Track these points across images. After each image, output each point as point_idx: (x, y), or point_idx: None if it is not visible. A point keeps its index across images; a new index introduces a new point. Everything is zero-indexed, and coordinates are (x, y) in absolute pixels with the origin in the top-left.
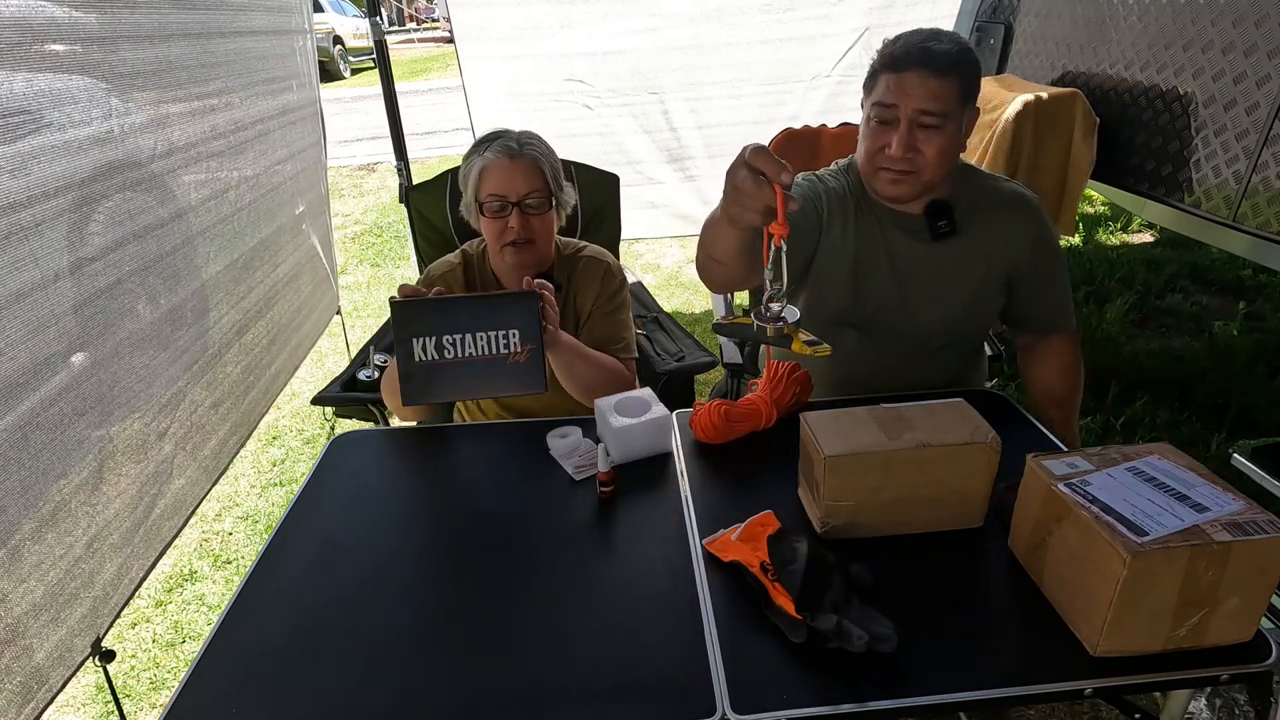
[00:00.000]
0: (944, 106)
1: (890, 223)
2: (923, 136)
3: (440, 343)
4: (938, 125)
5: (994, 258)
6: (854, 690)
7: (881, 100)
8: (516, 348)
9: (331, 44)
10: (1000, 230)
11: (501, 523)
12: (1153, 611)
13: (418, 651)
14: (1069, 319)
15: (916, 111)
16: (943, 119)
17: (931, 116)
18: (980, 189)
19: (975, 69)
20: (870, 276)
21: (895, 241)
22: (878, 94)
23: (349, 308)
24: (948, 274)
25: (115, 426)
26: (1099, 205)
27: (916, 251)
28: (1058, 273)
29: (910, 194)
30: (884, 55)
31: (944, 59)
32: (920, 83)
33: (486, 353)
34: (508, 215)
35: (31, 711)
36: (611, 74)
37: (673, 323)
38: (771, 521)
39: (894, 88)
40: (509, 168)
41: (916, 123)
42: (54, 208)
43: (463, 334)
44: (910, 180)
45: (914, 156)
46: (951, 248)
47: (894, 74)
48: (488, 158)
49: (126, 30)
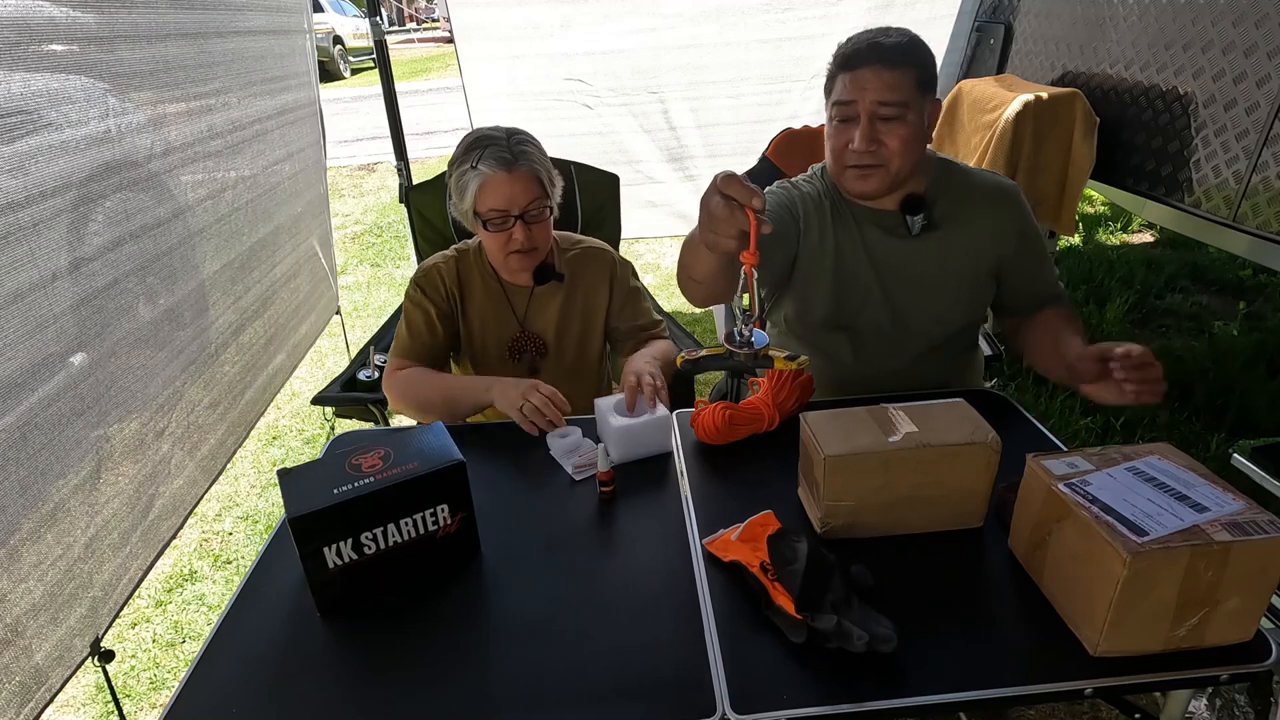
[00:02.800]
0: (901, 96)
1: (867, 221)
2: (884, 128)
3: (358, 542)
4: (898, 116)
5: (980, 253)
6: (854, 690)
7: (840, 99)
8: (447, 520)
9: (331, 44)
10: (983, 223)
11: (501, 522)
12: (1153, 611)
13: (417, 651)
14: (1057, 293)
15: (875, 104)
16: (902, 109)
17: (890, 107)
18: (959, 182)
19: (928, 59)
20: (853, 277)
21: (873, 240)
22: (836, 94)
23: (349, 308)
24: (932, 270)
25: (113, 426)
26: (1099, 205)
27: (896, 249)
28: (1043, 256)
29: (879, 188)
30: (837, 57)
31: (895, 51)
32: (875, 76)
33: (413, 535)
34: (510, 228)
35: (31, 711)
36: (611, 73)
37: (673, 323)
38: (771, 521)
39: (850, 85)
40: (507, 181)
41: (876, 115)
42: (52, 207)
43: (383, 525)
44: (878, 174)
45: (878, 149)
46: (933, 243)
47: (849, 72)
48: (483, 172)
49: (124, 30)
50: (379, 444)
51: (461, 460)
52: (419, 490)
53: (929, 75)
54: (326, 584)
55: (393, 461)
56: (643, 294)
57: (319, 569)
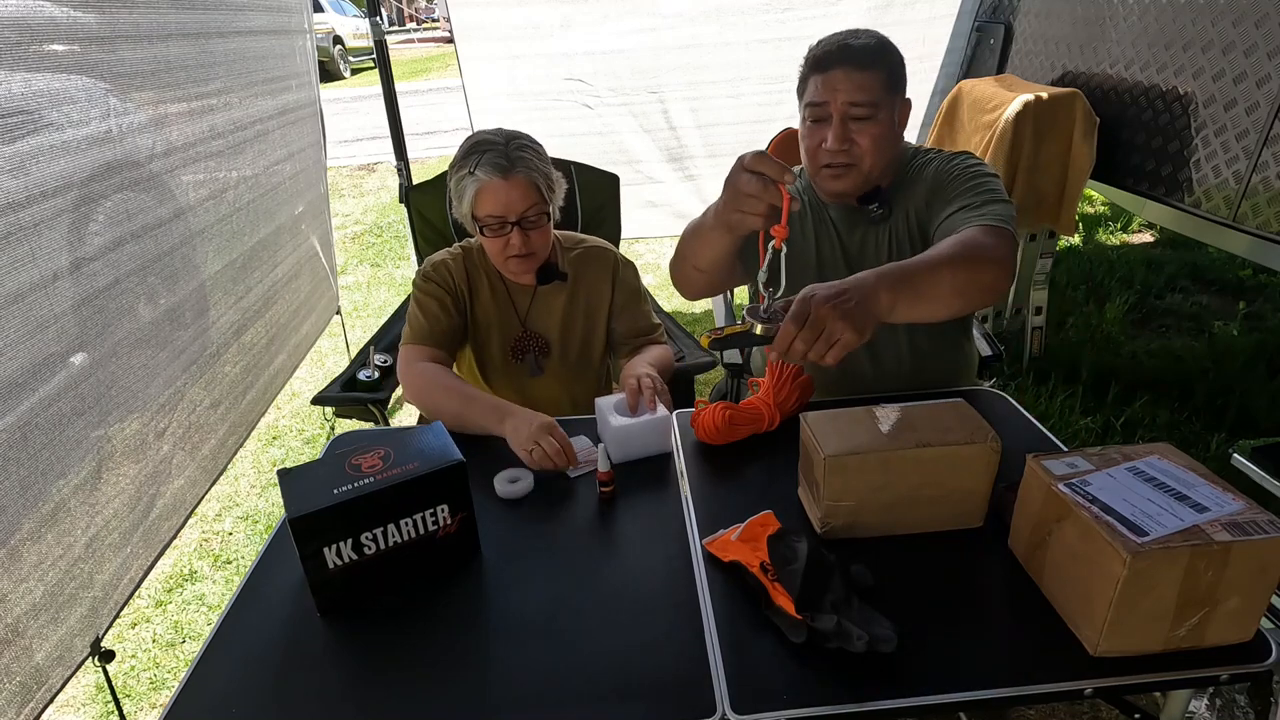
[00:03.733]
0: (871, 97)
1: (838, 217)
2: (856, 128)
3: (358, 542)
4: (869, 115)
5: (909, 214)
6: (854, 690)
7: (813, 100)
8: (446, 520)
9: (331, 44)
10: (915, 186)
11: (501, 523)
12: (1153, 612)
13: (417, 651)
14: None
15: (846, 104)
16: (873, 109)
17: (861, 107)
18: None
19: (897, 60)
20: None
21: (844, 234)
22: (809, 95)
23: (349, 308)
24: (891, 254)
25: (114, 426)
26: (1099, 205)
27: (863, 241)
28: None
29: (853, 187)
30: (809, 59)
31: (864, 53)
32: (845, 77)
33: (413, 535)
34: (508, 233)
35: (31, 711)
36: (611, 73)
37: (673, 323)
38: (771, 521)
39: (822, 86)
40: (504, 188)
41: (848, 115)
42: (53, 207)
43: (383, 525)
44: (852, 174)
45: (850, 148)
46: (889, 229)
47: (820, 74)
48: (481, 178)
49: (125, 30)
50: (379, 444)
51: (462, 460)
52: (419, 490)
53: (898, 76)
54: (326, 584)
55: (393, 462)
56: (644, 297)
57: (319, 569)
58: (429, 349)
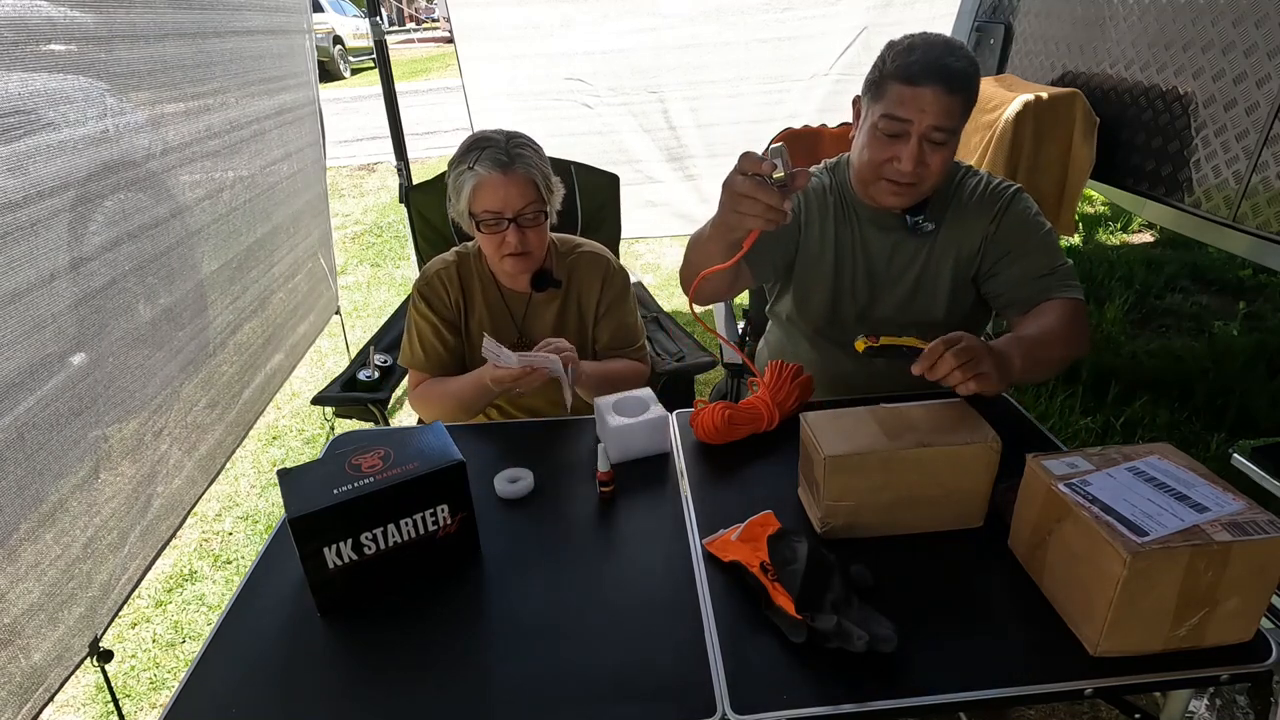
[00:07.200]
0: (954, 123)
1: (867, 220)
2: (930, 150)
3: (358, 542)
4: (945, 141)
5: (960, 258)
6: (854, 690)
7: (893, 113)
8: (446, 520)
9: (331, 44)
10: (970, 225)
11: (501, 522)
12: (1153, 612)
13: (417, 651)
14: (1065, 286)
15: (930, 128)
16: (950, 135)
17: (942, 133)
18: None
19: (979, 83)
20: (850, 274)
21: (870, 239)
22: (888, 104)
23: (349, 308)
24: (919, 270)
25: (112, 426)
26: (1099, 205)
27: (890, 248)
28: (1035, 240)
29: (910, 204)
30: (899, 65)
31: (960, 77)
32: (935, 99)
33: (413, 535)
34: (504, 230)
35: (29, 711)
36: (611, 73)
37: (673, 323)
38: (771, 521)
39: (909, 101)
40: (503, 183)
41: (928, 138)
42: (51, 207)
43: (383, 525)
44: (912, 192)
45: (920, 169)
46: (925, 244)
47: (909, 87)
48: (479, 173)
49: (123, 30)
50: (379, 444)
51: (461, 460)
52: (419, 490)
53: (976, 99)
54: (326, 584)
55: (392, 462)
56: (631, 306)
57: (319, 569)
58: (427, 377)
